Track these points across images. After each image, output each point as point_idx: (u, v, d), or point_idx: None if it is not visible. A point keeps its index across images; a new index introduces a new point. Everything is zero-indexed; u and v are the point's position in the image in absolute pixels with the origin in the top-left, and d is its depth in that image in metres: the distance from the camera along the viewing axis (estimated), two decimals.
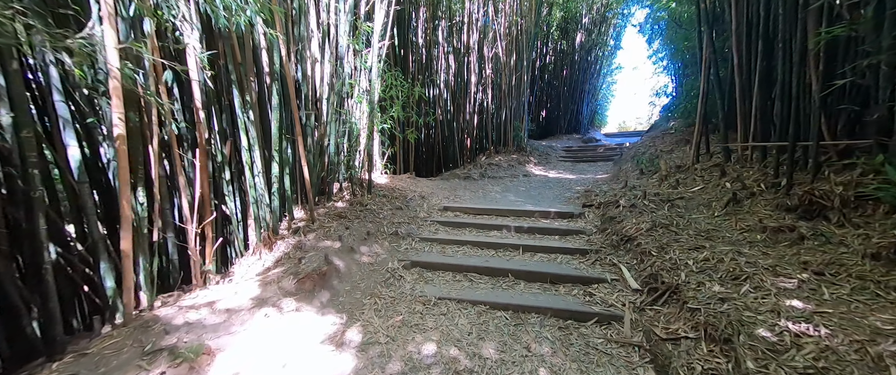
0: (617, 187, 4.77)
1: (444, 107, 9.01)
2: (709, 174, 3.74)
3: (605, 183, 6.21)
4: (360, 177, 4.76)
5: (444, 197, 5.31)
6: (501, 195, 5.83)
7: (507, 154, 9.96)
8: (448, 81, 9.01)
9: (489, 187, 6.59)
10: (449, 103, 9.00)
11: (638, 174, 5.23)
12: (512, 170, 8.57)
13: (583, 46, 13.71)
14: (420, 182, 6.12)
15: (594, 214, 4.13)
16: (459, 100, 9.27)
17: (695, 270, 2.42)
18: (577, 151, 11.09)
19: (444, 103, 9.00)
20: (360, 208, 4.20)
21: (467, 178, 7.18)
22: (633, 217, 3.47)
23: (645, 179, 4.72)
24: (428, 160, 9.09)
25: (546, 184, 6.98)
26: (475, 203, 5.14)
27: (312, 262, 2.92)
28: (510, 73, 9.76)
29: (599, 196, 4.39)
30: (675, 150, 5.77)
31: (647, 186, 4.28)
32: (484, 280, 3.12)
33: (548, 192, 5.99)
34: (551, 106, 14.12)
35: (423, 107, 8.25)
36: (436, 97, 9.03)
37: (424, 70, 8.46)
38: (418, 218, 4.35)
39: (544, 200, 5.27)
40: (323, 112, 4.17)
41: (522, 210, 4.51)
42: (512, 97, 9.93)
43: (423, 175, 8.75)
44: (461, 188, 6.30)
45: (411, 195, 5.00)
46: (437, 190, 5.83)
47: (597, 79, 15.39)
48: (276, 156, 3.45)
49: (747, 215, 2.86)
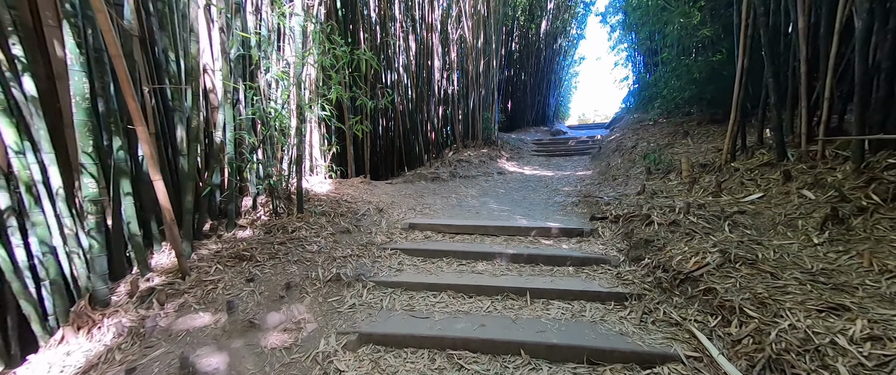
0: (628, 191, 3.73)
1: (404, 94, 7.55)
2: (761, 177, 2.78)
3: (595, 182, 5.22)
4: (286, 187, 3.24)
5: (409, 208, 3.96)
6: (479, 201, 4.59)
7: (476, 148, 8.76)
8: (408, 65, 7.55)
9: (462, 190, 5.33)
10: (410, 90, 7.55)
11: (643, 173, 4.23)
12: (484, 168, 7.38)
13: (549, 33, 12.83)
14: (377, 187, 4.69)
15: (611, 231, 3.02)
16: (422, 88, 7.86)
17: (864, 363, 1.33)
18: (549, 145, 10.19)
19: (404, 90, 7.54)
20: (281, 236, 2.72)
21: (436, 179, 5.85)
22: (682, 241, 2.38)
23: (660, 181, 3.72)
24: (387, 158, 7.61)
25: (526, 184, 5.87)
26: (450, 215, 3.85)
27: (151, 372, 1.45)
28: (478, 57, 8.50)
29: (613, 206, 3.29)
30: (676, 143, 4.90)
31: (673, 191, 3.26)
32: (481, 362, 1.85)
33: (533, 195, 4.86)
34: (518, 97, 13.16)
35: (380, 91, 6.74)
36: (394, 83, 7.54)
37: (379, 51, 6.93)
38: (373, 245, 2.97)
39: (534, 208, 4.11)
40: (211, 90, 2.60)
41: (514, 226, 3.29)
42: (480, 84, 8.70)
43: (381, 177, 7.27)
44: (429, 193, 4.96)
45: (364, 208, 3.58)
46: (400, 197, 4.45)
47: (562, 71, 14.69)
48: (90, 162, 1.88)
49: (879, 245, 1.86)
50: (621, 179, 4.55)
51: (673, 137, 5.35)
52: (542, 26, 12.58)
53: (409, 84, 7.48)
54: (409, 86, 7.48)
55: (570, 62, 14.98)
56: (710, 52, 4.99)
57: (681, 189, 3.23)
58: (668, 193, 3.24)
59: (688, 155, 3.99)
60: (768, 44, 2.82)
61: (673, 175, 3.68)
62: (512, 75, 12.95)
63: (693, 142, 4.79)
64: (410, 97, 7.54)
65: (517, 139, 10.42)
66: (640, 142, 5.99)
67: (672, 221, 2.59)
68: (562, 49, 13.78)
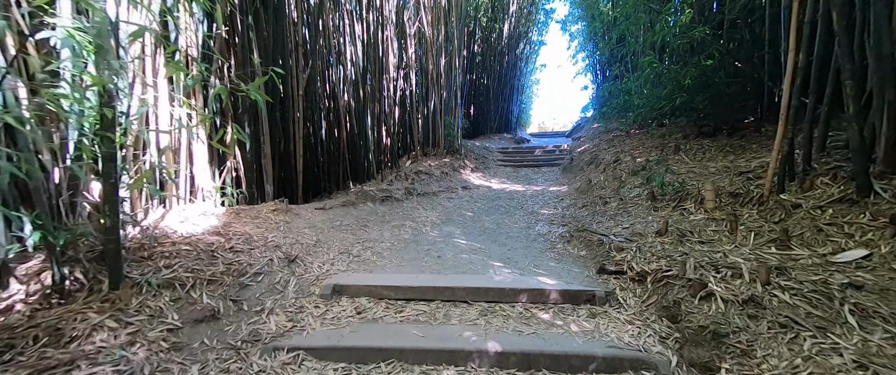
0: (636, 226, 2.77)
1: (352, 91, 6.19)
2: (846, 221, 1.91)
3: (580, 204, 4.29)
4: (114, 235, 1.80)
5: (341, 252, 2.67)
6: (442, 232, 3.42)
7: (438, 157, 7.61)
8: (356, 59, 6.20)
9: (420, 214, 4.13)
10: (359, 85, 6.20)
11: (645, 199, 3.34)
12: (447, 181, 6.24)
13: (511, 37, 12.12)
14: (299, 217, 3.31)
15: (637, 298, 1.99)
16: (374, 84, 6.54)
17: None
18: (515, 154, 9.34)
19: (351, 87, 6.18)
20: (32, 353, 1.32)
21: (387, 199, 4.58)
22: (780, 341, 1.40)
23: (676, 213, 2.80)
24: (331, 169, 6.17)
25: (496, 204, 4.83)
26: (400, 261, 2.63)
27: None
28: (439, 54, 7.38)
29: (629, 253, 2.28)
30: (668, 160, 4.12)
31: (708, 233, 2.34)
32: None
33: (508, 222, 3.80)
34: (481, 102, 12.26)
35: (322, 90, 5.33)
36: (337, 80, 6.15)
37: (315, 37, 5.53)
38: (258, 341, 1.66)
39: (514, 245, 3.03)
40: None
41: (495, 288, 2.15)
42: (442, 85, 7.57)
43: (317, 195, 5.83)
44: (376, 221, 3.69)
45: (263, 260, 2.23)
46: (331, 231, 3.13)
47: (524, 77, 14.10)
48: None
49: None
50: (615, 203, 3.64)
51: (661, 152, 4.61)
52: (504, 30, 11.83)
53: (356, 77, 6.12)
54: (356, 77, 6.12)
55: (531, 69, 14.46)
56: (701, 55, 4.31)
57: (716, 230, 2.33)
58: (702, 235, 2.31)
59: (700, 177, 3.17)
60: (845, 30, 2.01)
61: (691, 205, 2.79)
62: (475, 79, 12.04)
63: (689, 158, 4.04)
64: (359, 95, 6.19)
65: (482, 147, 9.46)
66: (621, 155, 5.21)
67: (748, 298, 1.60)
68: (524, 55, 13.18)
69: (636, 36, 7.32)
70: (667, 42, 4.82)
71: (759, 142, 3.87)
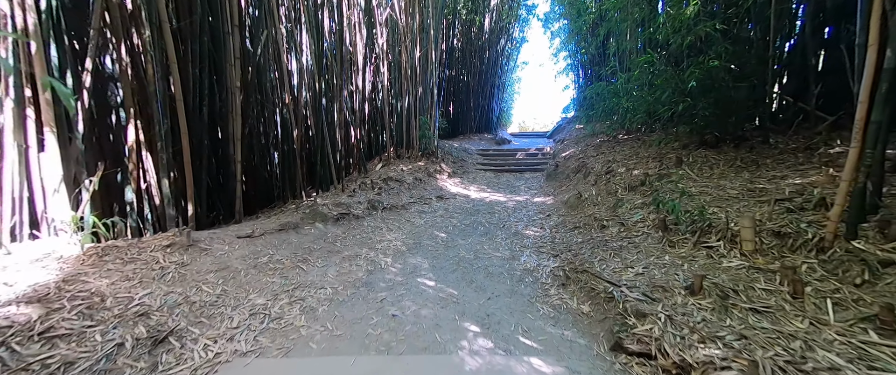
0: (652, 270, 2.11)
1: (310, 82, 5.25)
2: None
3: (571, 226, 3.64)
4: None
5: (253, 314, 1.85)
6: (405, 268, 2.64)
7: (412, 159, 6.80)
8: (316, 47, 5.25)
9: (382, 237, 3.33)
10: (317, 77, 5.26)
11: (656, 229, 2.70)
12: (420, 189, 5.46)
13: (492, 31, 11.39)
14: (207, 252, 2.42)
15: None
16: (336, 73, 5.62)
17: None
18: (496, 156, 8.66)
19: (309, 78, 5.23)
20: None
21: (343, 217, 3.73)
22: None
23: (701, 254, 2.17)
24: (286, 175, 5.23)
25: (474, 220, 4.10)
26: (337, 327, 1.83)
27: None
28: (413, 45, 6.53)
29: (656, 325, 1.61)
30: (671, 175, 3.52)
31: (760, 294, 1.69)
32: None
33: (488, 248, 3.08)
34: (460, 99, 11.49)
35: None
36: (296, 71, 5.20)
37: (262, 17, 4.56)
38: None
39: (497, 288, 2.30)
40: None
41: None
42: (416, 81, 6.74)
43: (271, 205, 4.90)
44: (322, 251, 2.85)
45: (102, 348, 1.39)
46: (252, 273, 2.28)
47: (505, 75, 13.43)
48: None
49: None
50: (615, 229, 2.99)
51: (659, 164, 4.02)
52: (485, 24, 11.08)
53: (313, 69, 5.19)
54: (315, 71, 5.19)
55: (513, 66, 13.81)
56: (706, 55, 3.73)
57: (770, 289, 1.70)
58: (752, 298, 1.67)
59: (719, 201, 2.55)
60: None
61: (719, 241, 2.16)
62: (454, 75, 11.23)
63: (695, 173, 3.45)
64: (319, 89, 5.26)
65: (460, 148, 8.71)
66: (614, 165, 4.60)
67: None
68: (505, 51, 12.50)
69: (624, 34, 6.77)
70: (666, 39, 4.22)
71: (773, 157, 3.34)
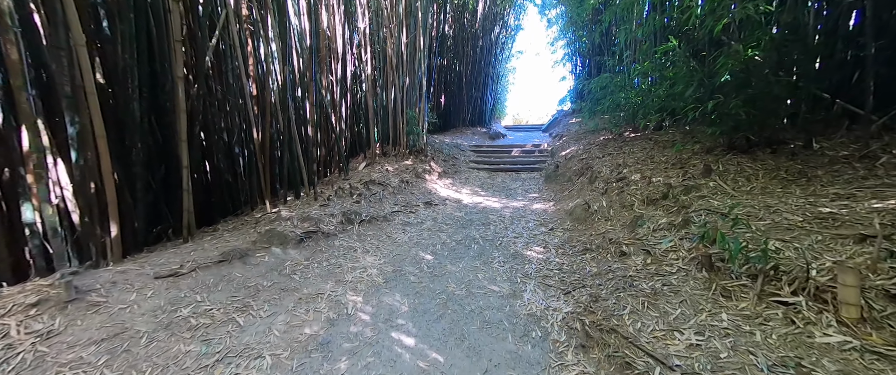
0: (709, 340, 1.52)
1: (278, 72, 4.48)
2: None
3: (580, 250, 3.06)
4: None
5: None
6: (376, 315, 2.01)
7: (398, 158, 6.12)
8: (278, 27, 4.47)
9: (353, 265, 2.69)
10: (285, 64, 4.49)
11: (696, 266, 2.12)
12: (406, 194, 4.81)
13: (486, 18, 10.60)
14: (101, 307, 1.76)
15: None
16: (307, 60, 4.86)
17: None
18: (490, 153, 8.02)
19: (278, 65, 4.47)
20: None
21: (308, 238, 3.06)
22: None
23: (761, 303, 1.59)
24: (253, 177, 4.51)
25: (466, 234, 3.48)
26: None
27: None
28: (399, 30, 5.77)
29: None
30: (701, 187, 2.94)
31: None
32: None
33: (483, 279, 2.47)
34: (452, 91, 10.74)
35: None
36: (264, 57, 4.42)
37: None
38: None
39: (495, 350, 1.70)
40: None
41: None
42: (403, 70, 6.00)
43: (224, 216, 4.18)
44: (271, 290, 2.20)
45: None
46: (159, 335, 1.63)
47: (499, 64, 12.67)
48: None
49: None
50: (640, 258, 2.40)
51: (682, 172, 3.44)
52: (479, 10, 10.27)
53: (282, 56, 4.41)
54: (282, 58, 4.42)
55: (508, 55, 13.03)
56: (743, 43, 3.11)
57: None
58: None
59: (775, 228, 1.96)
60: None
61: (795, 294, 1.59)
62: (446, 65, 10.45)
63: (729, 186, 2.87)
64: (289, 79, 4.50)
65: (452, 144, 8.04)
66: (625, 170, 4.01)
67: None
68: (500, 40, 11.73)
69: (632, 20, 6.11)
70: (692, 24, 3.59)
71: (823, 167, 2.77)
